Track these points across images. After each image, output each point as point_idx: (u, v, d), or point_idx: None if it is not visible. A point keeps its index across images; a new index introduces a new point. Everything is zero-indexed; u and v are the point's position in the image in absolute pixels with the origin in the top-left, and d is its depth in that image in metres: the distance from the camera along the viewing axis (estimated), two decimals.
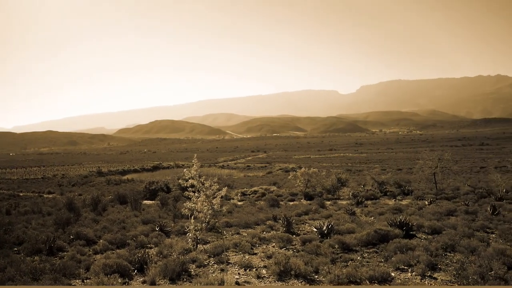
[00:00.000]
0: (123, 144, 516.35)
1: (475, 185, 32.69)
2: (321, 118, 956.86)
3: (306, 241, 14.12)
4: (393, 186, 34.20)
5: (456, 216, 19.09)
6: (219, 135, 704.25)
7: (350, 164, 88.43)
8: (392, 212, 20.66)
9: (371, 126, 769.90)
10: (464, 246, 12.35)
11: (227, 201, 30.90)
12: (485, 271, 9.57)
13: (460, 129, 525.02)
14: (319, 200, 26.86)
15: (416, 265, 10.79)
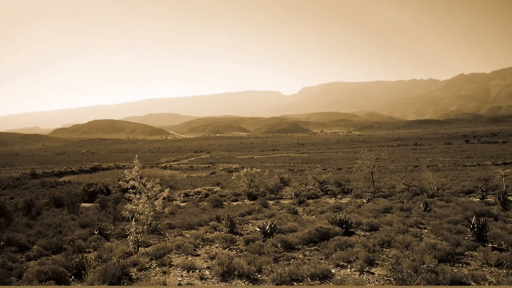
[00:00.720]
0: (59, 145, 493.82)
1: (409, 183, 34.29)
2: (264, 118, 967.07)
3: (250, 241, 14.21)
4: (334, 185, 35.15)
5: (392, 213, 19.96)
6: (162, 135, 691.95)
7: (293, 164, 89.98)
8: (332, 211, 21.23)
9: (313, 126, 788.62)
10: (399, 242, 12.95)
11: (170, 202, 30.42)
12: (418, 265, 10.08)
13: (395, 130, 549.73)
14: (262, 200, 27.09)
15: (355, 261, 11.18)
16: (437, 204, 22.14)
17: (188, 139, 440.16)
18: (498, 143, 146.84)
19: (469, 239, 13.31)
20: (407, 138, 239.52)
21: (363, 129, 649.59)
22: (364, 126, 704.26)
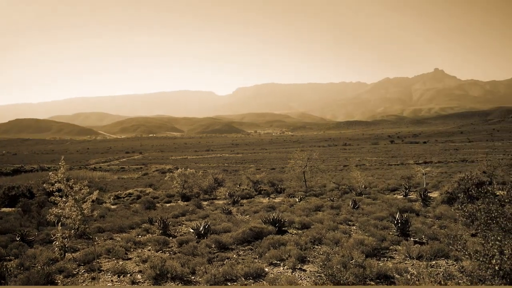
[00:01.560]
0: None
1: (339, 182, 35.57)
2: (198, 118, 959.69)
3: (183, 243, 14.03)
4: (267, 185, 35.60)
5: (323, 211, 20.60)
6: (91, 135, 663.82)
7: (227, 164, 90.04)
8: (266, 210, 21.50)
9: (247, 127, 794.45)
10: (330, 239, 13.40)
11: (99, 205, 29.27)
12: (347, 260, 10.50)
13: (326, 130, 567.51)
14: (196, 201, 26.86)
15: (287, 259, 11.40)
16: (365, 201, 23.17)
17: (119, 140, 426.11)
18: (419, 143, 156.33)
19: (394, 234, 14.07)
20: (337, 138, 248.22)
21: (295, 129, 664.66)
22: (297, 126, 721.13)
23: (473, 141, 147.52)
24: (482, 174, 26.66)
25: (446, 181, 28.78)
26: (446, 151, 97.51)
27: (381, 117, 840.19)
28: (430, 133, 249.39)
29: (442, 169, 47.07)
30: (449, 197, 20.49)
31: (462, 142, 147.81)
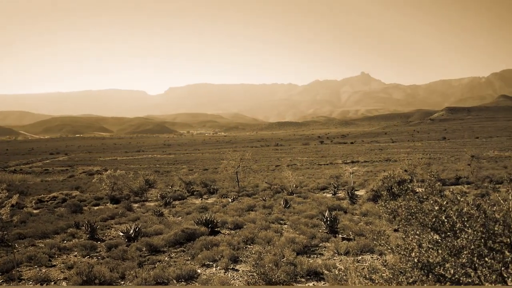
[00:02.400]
0: None
1: (271, 182, 36.09)
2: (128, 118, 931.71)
3: (112, 247, 13.56)
4: (200, 186, 35.34)
5: (255, 211, 20.81)
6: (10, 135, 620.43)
7: (158, 165, 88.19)
8: (198, 211, 21.35)
9: (179, 127, 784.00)
10: (262, 238, 13.57)
11: (20, 210, 27.48)
12: (278, 259, 10.69)
13: (259, 131, 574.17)
14: (126, 203, 26.07)
15: (220, 260, 11.40)
16: (296, 200, 23.72)
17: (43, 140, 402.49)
18: (347, 143, 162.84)
19: (323, 232, 14.55)
20: (269, 139, 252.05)
21: (228, 130, 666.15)
22: (230, 127, 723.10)
23: (396, 142, 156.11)
24: (403, 172, 28.28)
25: (371, 180, 30.17)
26: (372, 151, 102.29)
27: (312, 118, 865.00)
28: (357, 133, 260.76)
29: (368, 168, 49.27)
30: (374, 194, 21.52)
31: (386, 142, 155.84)
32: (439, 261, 3.97)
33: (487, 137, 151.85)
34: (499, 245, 4.01)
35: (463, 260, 3.97)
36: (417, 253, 4.11)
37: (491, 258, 3.90)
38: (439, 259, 3.98)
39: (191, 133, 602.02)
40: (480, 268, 3.90)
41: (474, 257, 3.93)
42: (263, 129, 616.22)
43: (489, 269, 3.89)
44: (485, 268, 3.89)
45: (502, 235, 3.97)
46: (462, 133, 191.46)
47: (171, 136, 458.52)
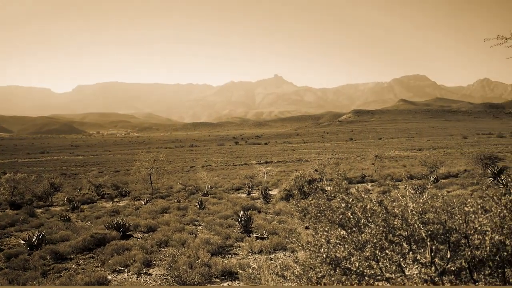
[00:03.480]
0: None
1: (186, 183, 35.71)
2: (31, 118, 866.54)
3: (12, 256, 12.52)
4: (111, 188, 33.99)
5: (169, 213, 20.48)
6: None
7: (65, 168, 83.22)
8: (109, 215, 20.51)
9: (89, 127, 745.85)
10: (176, 240, 13.37)
11: None
12: (193, 260, 10.61)
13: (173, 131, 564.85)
14: (29, 209, 24.23)
15: (132, 265, 11.03)
16: (211, 201, 23.71)
17: None
18: (261, 144, 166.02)
19: (238, 232, 14.70)
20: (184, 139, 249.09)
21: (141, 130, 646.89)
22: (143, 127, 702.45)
23: (308, 142, 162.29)
24: (314, 172, 29.51)
25: (284, 179, 31.07)
26: (285, 151, 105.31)
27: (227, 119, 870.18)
28: (271, 134, 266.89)
29: (281, 168, 50.67)
30: (287, 194, 22.18)
31: (298, 143, 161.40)
32: (345, 255, 4.20)
33: (388, 138, 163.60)
34: (398, 238, 4.33)
35: (367, 253, 4.23)
36: (326, 249, 4.31)
37: (391, 250, 4.20)
38: (345, 254, 4.21)
39: (102, 133, 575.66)
40: (381, 260, 4.18)
41: (376, 250, 4.20)
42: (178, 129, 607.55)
43: (390, 260, 4.18)
44: (386, 260, 4.17)
45: (401, 228, 4.29)
46: (367, 134, 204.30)
47: (80, 137, 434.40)
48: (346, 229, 4.61)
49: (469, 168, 31.47)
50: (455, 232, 4.12)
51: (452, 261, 4.10)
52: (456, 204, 4.40)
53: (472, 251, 3.95)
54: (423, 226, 4.20)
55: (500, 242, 3.91)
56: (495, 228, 3.99)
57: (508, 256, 3.89)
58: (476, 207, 4.21)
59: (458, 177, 28.91)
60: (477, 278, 4.04)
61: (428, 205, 4.53)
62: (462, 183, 24.81)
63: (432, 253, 4.12)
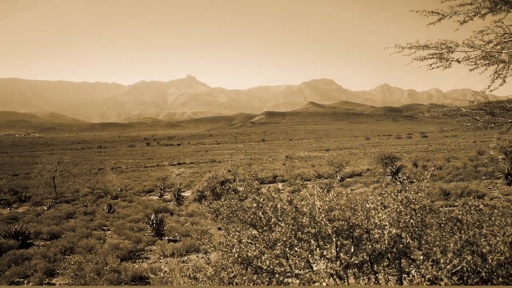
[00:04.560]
0: None
1: (93, 186, 34.10)
2: None
3: None
4: (8, 194, 31.35)
5: (75, 218, 19.38)
6: None
7: None
8: (6, 222, 18.89)
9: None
10: (83, 247, 12.70)
11: None
12: (101, 267, 10.14)
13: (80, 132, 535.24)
14: None
15: (33, 275, 10.29)
16: (121, 204, 22.87)
17: None
18: (174, 145, 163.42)
19: (149, 235, 14.33)
20: (91, 140, 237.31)
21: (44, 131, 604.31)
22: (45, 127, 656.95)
23: (221, 143, 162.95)
24: (227, 172, 29.71)
25: (197, 181, 30.92)
26: (198, 153, 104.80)
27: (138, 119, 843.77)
28: (184, 135, 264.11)
29: (194, 169, 50.37)
30: (199, 195, 22.10)
31: (212, 144, 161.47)
32: (256, 254, 4.28)
33: (299, 139, 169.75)
34: (306, 235, 4.51)
35: (278, 251, 4.35)
36: (238, 249, 4.36)
37: (300, 247, 4.36)
38: (256, 253, 4.29)
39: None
40: (291, 257, 4.32)
41: (286, 247, 4.34)
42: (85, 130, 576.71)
43: (299, 257, 4.34)
44: (295, 257, 4.33)
45: (309, 226, 4.47)
46: (279, 135, 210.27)
47: None
48: (258, 228, 4.70)
49: (371, 167, 33.65)
50: (358, 228, 4.38)
51: (355, 255, 4.36)
52: (359, 201, 4.69)
53: (373, 245, 4.24)
54: (329, 223, 4.42)
55: (397, 235, 4.23)
56: (392, 222, 4.31)
57: (403, 248, 4.22)
58: (376, 204, 4.52)
59: (362, 175, 30.79)
60: (377, 270, 4.33)
61: (334, 203, 4.77)
62: (365, 181, 26.47)
63: (337, 248, 4.35)
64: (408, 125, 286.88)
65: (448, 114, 9.72)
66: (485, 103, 9.68)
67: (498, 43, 8.77)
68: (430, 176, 4.95)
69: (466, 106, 9.60)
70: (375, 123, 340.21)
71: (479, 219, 4.36)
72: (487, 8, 8.36)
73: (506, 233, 3.71)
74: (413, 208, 4.38)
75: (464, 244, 3.70)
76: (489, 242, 3.65)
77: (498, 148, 26.25)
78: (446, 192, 18.30)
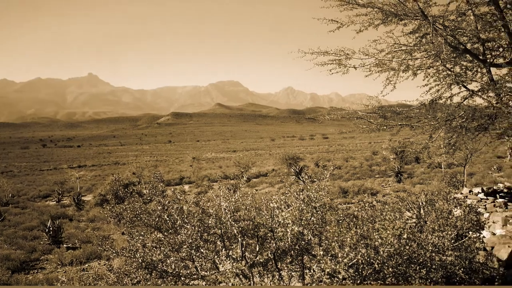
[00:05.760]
0: None
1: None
2: None
3: None
4: None
5: None
6: None
7: None
8: None
9: None
10: None
11: None
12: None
13: None
14: None
15: None
16: (12, 212, 21.04)
17: None
18: (73, 147, 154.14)
19: (46, 243, 13.35)
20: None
21: None
22: None
23: (125, 145, 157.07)
24: (132, 175, 28.76)
25: (99, 184, 29.52)
26: (100, 155, 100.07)
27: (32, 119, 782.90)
28: (85, 136, 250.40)
29: (96, 172, 48.02)
30: (102, 199, 21.10)
31: (115, 145, 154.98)
32: (161, 258, 4.20)
33: (206, 140, 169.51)
34: (213, 237, 4.52)
35: (183, 254, 4.30)
36: (142, 253, 4.24)
37: (206, 249, 4.36)
38: (161, 256, 4.21)
39: None
40: (197, 259, 4.30)
41: (192, 250, 4.31)
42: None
43: (205, 258, 4.34)
44: (201, 259, 4.31)
45: (215, 227, 4.49)
46: (186, 136, 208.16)
47: None
48: (163, 231, 4.61)
49: (276, 168, 34.66)
50: (262, 227, 4.49)
51: (260, 253, 4.46)
52: (263, 201, 4.81)
53: (277, 243, 4.37)
54: (235, 223, 4.47)
55: (299, 233, 4.40)
56: (295, 220, 4.48)
57: (305, 244, 4.41)
58: (280, 203, 4.66)
59: (267, 176, 31.58)
60: (281, 267, 4.48)
61: (240, 204, 4.84)
62: (270, 181, 27.20)
63: (243, 248, 4.42)
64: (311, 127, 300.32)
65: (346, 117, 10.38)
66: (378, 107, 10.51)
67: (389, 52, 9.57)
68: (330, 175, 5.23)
69: (362, 110, 10.31)
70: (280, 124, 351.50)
71: (372, 214, 4.70)
72: (379, 20, 9.08)
73: (395, 226, 4.04)
74: (314, 206, 4.59)
75: (359, 239, 3.96)
76: (381, 235, 3.95)
77: (390, 148, 28.56)
78: (344, 190, 19.48)
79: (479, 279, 4.19)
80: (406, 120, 10.37)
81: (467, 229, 4.55)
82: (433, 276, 3.96)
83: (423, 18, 8.79)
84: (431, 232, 4.25)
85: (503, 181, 18.03)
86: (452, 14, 9.70)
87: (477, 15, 9.54)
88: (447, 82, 10.18)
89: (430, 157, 21.34)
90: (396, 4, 8.76)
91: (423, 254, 3.98)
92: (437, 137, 10.31)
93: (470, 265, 4.21)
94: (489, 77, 9.99)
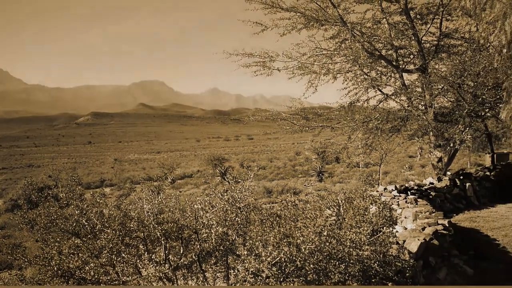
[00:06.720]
0: None
1: None
2: None
3: None
4: None
5: None
6: None
7: None
8: None
9: None
10: None
11: None
12: None
13: None
14: None
15: None
16: None
17: None
18: None
19: None
20: None
21: None
22: None
23: (40, 146, 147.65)
24: (48, 178, 27.12)
25: (11, 188, 27.59)
26: (12, 157, 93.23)
27: None
28: None
29: (7, 176, 44.84)
30: (13, 204, 19.73)
31: (29, 147, 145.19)
32: (79, 264, 3.99)
33: (129, 141, 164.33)
34: (135, 240, 4.39)
35: (103, 259, 4.13)
36: (58, 261, 4.00)
37: (127, 253, 4.22)
38: (79, 263, 4.00)
39: None
40: (118, 264, 4.15)
41: (113, 255, 4.14)
42: None
43: (127, 263, 4.20)
44: (122, 264, 4.17)
45: (137, 230, 4.36)
46: (107, 137, 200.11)
47: None
48: (81, 237, 4.40)
49: (201, 169, 34.48)
50: (187, 229, 4.44)
51: (185, 255, 4.41)
52: (187, 203, 4.75)
53: (201, 244, 4.34)
54: (158, 226, 4.38)
55: (223, 234, 4.41)
56: (219, 221, 4.48)
57: (230, 245, 4.42)
58: (204, 204, 4.64)
59: (192, 177, 31.31)
60: (205, 269, 4.45)
61: (164, 206, 4.75)
62: (195, 182, 27.00)
63: (166, 251, 4.33)
64: (236, 128, 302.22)
65: (270, 118, 10.58)
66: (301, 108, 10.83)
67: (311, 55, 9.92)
68: (254, 176, 5.30)
69: (285, 111, 10.58)
70: (206, 125, 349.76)
71: (295, 213, 4.83)
72: (302, 24, 9.38)
73: (316, 224, 4.18)
74: (239, 206, 4.63)
75: (282, 237, 4.05)
76: (303, 233, 4.07)
77: (312, 149, 29.57)
78: (269, 190, 19.85)
79: (392, 271, 4.46)
80: (327, 121, 10.82)
81: (381, 225, 4.83)
82: (351, 270, 4.15)
83: (342, 24, 9.23)
84: (349, 228, 4.45)
85: (414, 179, 19.41)
86: (369, 21, 10.30)
87: (391, 23, 10.21)
88: (364, 86, 10.78)
89: (349, 157, 22.42)
90: (317, 9, 9.11)
91: (342, 250, 4.16)
92: (355, 138, 10.86)
93: (384, 258, 4.47)
94: (401, 82, 10.73)
